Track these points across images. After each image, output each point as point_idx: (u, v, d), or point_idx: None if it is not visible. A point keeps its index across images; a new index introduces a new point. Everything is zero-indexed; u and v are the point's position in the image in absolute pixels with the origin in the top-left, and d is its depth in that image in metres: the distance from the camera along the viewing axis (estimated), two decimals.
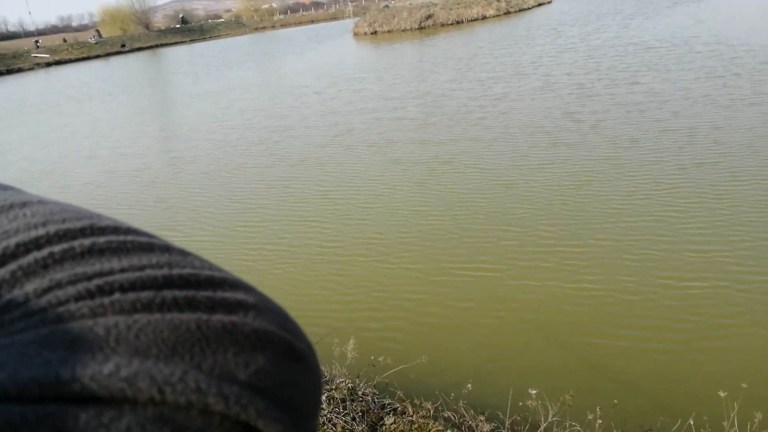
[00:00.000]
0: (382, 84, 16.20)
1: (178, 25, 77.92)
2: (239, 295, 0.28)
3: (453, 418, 3.23)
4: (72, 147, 13.52)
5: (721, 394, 2.86)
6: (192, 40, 66.50)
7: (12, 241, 0.27)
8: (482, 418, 3.25)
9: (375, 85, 16.26)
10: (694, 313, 4.30)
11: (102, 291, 0.25)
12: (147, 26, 73.32)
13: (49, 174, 11.27)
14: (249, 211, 7.64)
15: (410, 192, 7.47)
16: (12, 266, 0.26)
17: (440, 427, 3.13)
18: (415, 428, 3.11)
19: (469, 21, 36.14)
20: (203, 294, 0.27)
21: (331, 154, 9.77)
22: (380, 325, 4.65)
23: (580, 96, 11.34)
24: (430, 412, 3.26)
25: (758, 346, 3.89)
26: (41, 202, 0.31)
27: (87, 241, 0.28)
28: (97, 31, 68.60)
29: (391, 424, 3.11)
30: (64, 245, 0.27)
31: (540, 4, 42.29)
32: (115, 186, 9.72)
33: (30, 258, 0.27)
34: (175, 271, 0.27)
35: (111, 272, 0.26)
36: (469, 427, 3.16)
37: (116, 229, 0.30)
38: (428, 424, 3.14)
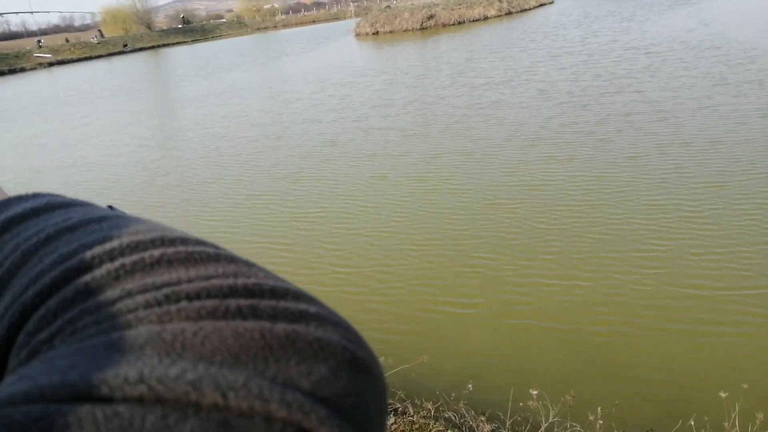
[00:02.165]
0: (371, 90, 15.72)
1: (179, 26, 78.00)
2: (302, 306, 0.29)
3: (454, 418, 3.23)
4: (54, 155, 13.15)
5: (722, 394, 2.86)
6: (194, 41, 66.58)
7: (88, 254, 0.30)
8: (483, 418, 3.25)
9: (364, 91, 15.76)
10: (694, 314, 4.30)
11: (169, 299, 0.27)
12: (149, 26, 73.43)
13: (20, 185, 10.57)
14: (216, 231, 7.07)
15: (389, 212, 6.92)
16: (86, 278, 0.28)
17: (441, 428, 3.14)
18: (416, 428, 3.11)
19: (470, 21, 36.15)
20: (266, 303, 0.28)
21: (309, 167, 9.24)
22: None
23: (575, 105, 10.74)
24: (430, 412, 3.26)
25: (758, 346, 3.89)
26: (117, 216, 0.34)
27: (156, 252, 0.29)
28: (99, 31, 68.75)
29: (392, 425, 3.11)
30: (135, 257, 0.29)
31: (541, 5, 42.28)
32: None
33: (103, 270, 0.29)
34: (240, 281, 0.28)
35: (178, 282, 0.28)
36: (470, 427, 3.16)
37: (185, 240, 0.31)
38: (429, 424, 3.14)
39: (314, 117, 13.12)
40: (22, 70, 50.05)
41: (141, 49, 59.91)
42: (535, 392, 3.07)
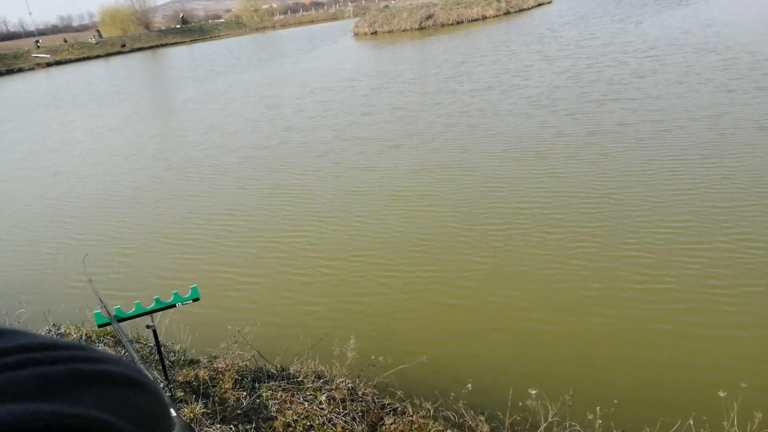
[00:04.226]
0: (358, 96, 15.25)
1: (178, 26, 77.91)
2: (74, 352, 0.36)
3: (453, 417, 3.23)
4: (34, 163, 12.78)
5: (721, 394, 2.86)
6: (192, 41, 66.52)
7: None
8: (482, 418, 3.25)
9: (351, 96, 15.30)
10: (694, 314, 4.30)
11: None
12: (147, 26, 73.30)
13: None
14: (173, 255, 6.65)
15: (366, 234, 6.40)
16: None
17: (440, 427, 3.13)
18: (415, 428, 3.11)
19: (469, 21, 36.15)
20: (42, 354, 0.34)
21: (284, 181, 8.74)
22: None
23: (568, 114, 10.14)
24: (430, 412, 3.26)
25: (757, 346, 3.89)
26: None
27: None
28: (98, 31, 68.64)
29: (391, 424, 3.11)
30: None
31: (540, 4, 42.30)
32: (34, 214, 8.99)
33: None
34: (11, 343, 0.34)
35: None
36: (469, 427, 3.16)
37: None
38: (428, 424, 3.14)
39: (296, 125, 12.71)
40: (20, 70, 50.00)
41: (139, 49, 59.82)
42: (534, 392, 3.07)
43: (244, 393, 3.26)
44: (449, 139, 9.85)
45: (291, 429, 3.00)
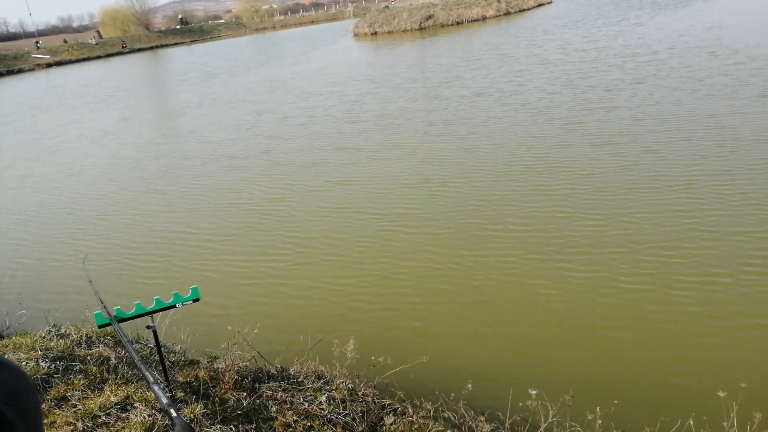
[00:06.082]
0: (347, 102, 14.96)
1: (178, 26, 77.94)
2: None
3: (453, 418, 3.22)
4: (18, 172, 12.55)
5: (721, 394, 2.86)
6: (192, 41, 66.55)
7: None
8: (482, 418, 3.25)
9: (341, 102, 15.02)
10: (693, 314, 4.31)
11: None
12: (147, 27, 73.33)
13: None
14: (133, 279, 6.27)
15: (344, 260, 5.99)
16: None
17: (440, 428, 3.13)
18: (416, 428, 3.11)
19: (469, 22, 36.17)
20: None
21: (258, 195, 8.43)
22: None
23: (565, 124, 9.70)
24: (430, 412, 3.26)
25: (757, 346, 3.89)
26: None
27: None
28: (98, 31, 68.65)
29: (391, 425, 3.11)
30: None
31: (540, 5, 42.32)
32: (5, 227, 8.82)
33: None
34: None
35: None
36: (469, 427, 3.16)
37: None
38: (428, 424, 3.14)
39: (280, 133, 12.44)
40: (20, 71, 50.05)
41: (139, 50, 59.84)
42: (534, 392, 3.07)
43: (245, 393, 3.25)
44: (436, 149, 9.48)
45: (291, 429, 3.00)
